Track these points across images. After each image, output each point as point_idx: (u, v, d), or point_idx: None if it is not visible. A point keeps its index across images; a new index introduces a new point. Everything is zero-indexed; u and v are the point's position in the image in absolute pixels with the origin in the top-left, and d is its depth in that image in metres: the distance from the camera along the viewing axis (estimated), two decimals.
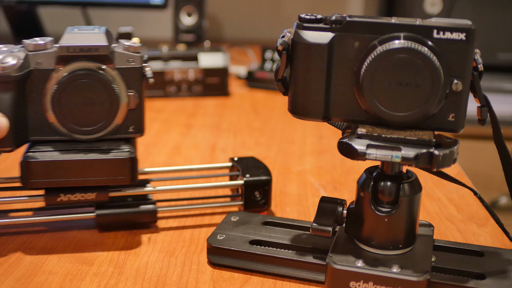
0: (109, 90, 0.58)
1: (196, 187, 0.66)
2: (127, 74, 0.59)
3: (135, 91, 0.59)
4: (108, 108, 0.58)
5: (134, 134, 0.61)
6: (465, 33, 0.47)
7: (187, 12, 1.49)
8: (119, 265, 0.57)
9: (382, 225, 0.52)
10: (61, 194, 0.59)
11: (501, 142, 0.55)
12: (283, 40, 0.51)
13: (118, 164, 0.58)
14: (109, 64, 0.58)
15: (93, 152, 0.58)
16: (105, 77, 0.58)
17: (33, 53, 0.58)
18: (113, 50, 0.58)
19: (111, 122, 0.59)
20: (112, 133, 0.60)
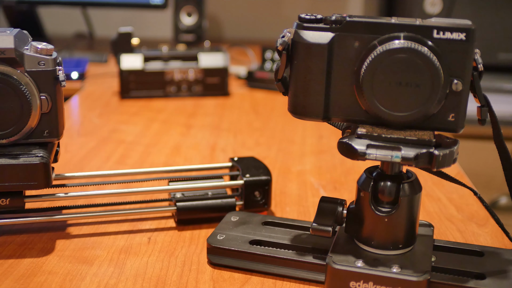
0: (19, 94, 0.56)
1: (196, 187, 0.66)
2: (39, 77, 0.57)
3: (48, 94, 0.58)
4: (19, 112, 0.57)
5: (49, 138, 0.59)
6: (465, 33, 0.47)
7: (187, 12, 1.49)
8: (119, 265, 0.57)
9: (382, 225, 0.52)
10: None
11: (501, 142, 0.55)
12: (283, 40, 0.51)
13: (29, 169, 0.57)
14: (18, 67, 0.57)
15: (3, 157, 0.57)
16: (14, 81, 0.56)
17: None
18: (22, 53, 0.57)
19: (23, 127, 0.57)
20: (25, 138, 0.58)
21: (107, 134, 0.95)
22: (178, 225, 0.64)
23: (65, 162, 0.81)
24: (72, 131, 0.96)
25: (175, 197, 0.65)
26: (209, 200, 0.65)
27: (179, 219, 0.64)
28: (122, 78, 1.13)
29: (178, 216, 0.64)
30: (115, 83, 1.19)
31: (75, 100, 1.15)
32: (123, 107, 1.10)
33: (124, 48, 1.14)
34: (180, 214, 0.64)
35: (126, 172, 0.67)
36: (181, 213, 0.64)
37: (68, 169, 0.79)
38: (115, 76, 1.21)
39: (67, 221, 0.64)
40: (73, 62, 1.32)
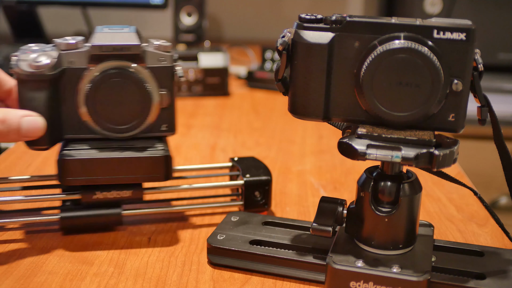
0: (141, 89, 0.58)
1: (196, 187, 0.66)
2: (159, 73, 0.59)
3: (167, 89, 0.60)
4: (141, 107, 0.59)
5: (166, 132, 0.62)
6: (465, 33, 0.47)
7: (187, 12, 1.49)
8: (119, 265, 0.57)
9: (382, 225, 0.52)
10: (97, 192, 0.60)
11: (501, 142, 0.55)
12: (283, 40, 0.51)
13: (153, 162, 0.59)
14: (140, 63, 0.58)
15: (128, 150, 0.59)
16: (137, 76, 0.58)
17: (65, 52, 0.58)
18: (144, 49, 0.59)
19: (144, 121, 0.60)
20: (145, 132, 0.60)
21: None
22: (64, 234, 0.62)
23: None
24: None
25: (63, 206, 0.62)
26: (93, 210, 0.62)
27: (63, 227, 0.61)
28: None
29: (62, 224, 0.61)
30: None
31: None
32: None
33: None
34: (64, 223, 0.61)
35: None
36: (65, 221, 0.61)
37: None
38: None
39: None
40: None
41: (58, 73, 0.57)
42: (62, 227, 0.61)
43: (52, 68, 0.57)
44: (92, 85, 0.58)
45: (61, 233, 0.62)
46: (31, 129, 0.56)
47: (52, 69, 0.57)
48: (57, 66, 0.57)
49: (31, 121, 0.56)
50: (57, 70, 0.57)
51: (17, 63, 0.57)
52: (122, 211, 0.62)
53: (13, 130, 0.55)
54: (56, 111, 0.58)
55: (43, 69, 0.56)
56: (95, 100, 0.58)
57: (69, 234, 0.61)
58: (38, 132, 0.56)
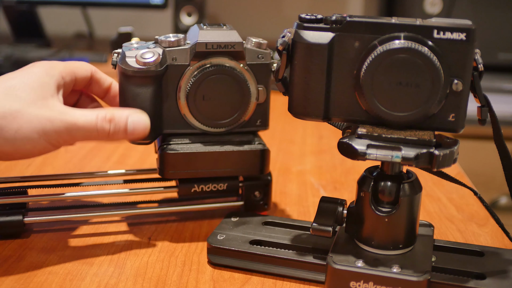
0: (241, 86, 0.60)
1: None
2: (257, 70, 0.61)
3: (264, 86, 0.62)
4: (239, 102, 0.60)
5: (260, 127, 0.63)
6: (465, 33, 0.47)
7: (187, 12, 1.49)
8: (119, 265, 0.57)
9: (382, 225, 0.52)
10: (195, 185, 0.62)
11: (501, 142, 0.55)
12: (283, 40, 0.51)
13: (252, 156, 0.61)
14: (241, 60, 0.60)
15: (228, 144, 0.61)
16: (238, 73, 0.59)
17: (168, 49, 0.59)
18: (245, 47, 0.60)
19: (241, 116, 0.61)
20: (241, 126, 0.62)
21: None
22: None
23: (65, 162, 0.81)
24: None
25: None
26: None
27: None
28: None
29: None
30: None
31: None
32: None
33: None
34: None
35: (126, 172, 0.67)
36: None
37: (68, 169, 0.79)
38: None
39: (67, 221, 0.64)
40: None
41: (163, 69, 0.58)
42: None
43: (159, 65, 0.58)
44: (194, 81, 0.59)
45: (61, 233, 0.62)
46: (138, 128, 0.56)
47: (158, 65, 0.58)
48: (163, 62, 0.58)
49: (138, 120, 0.56)
50: (162, 66, 0.58)
51: (122, 59, 0.58)
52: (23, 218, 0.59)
53: (121, 129, 0.56)
54: (158, 107, 0.59)
55: (150, 65, 0.57)
56: (195, 96, 0.59)
57: None
58: (144, 130, 0.57)
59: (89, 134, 0.55)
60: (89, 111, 0.55)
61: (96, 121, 0.55)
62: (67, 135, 0.54)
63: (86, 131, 0.54)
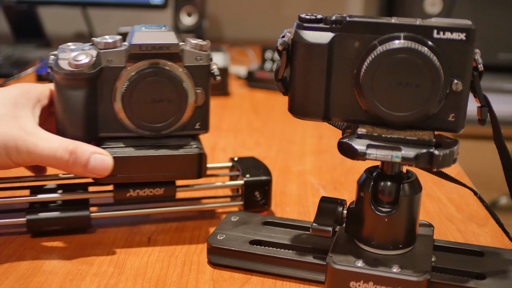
0: (178, 88, 0.59)
1: (196, 187, 0.66)
2: (196, 72, 0.60)
3: (203, 88, 0.61)
4: (176, 105, 0.59)
5: (200, 130, 0.62)
6: (465, 33, 0.47)
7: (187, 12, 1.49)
8: (119, 265, 0.57)
9: (382, 225, 0.52)
10: (130, 190, 0.61)
11: (501, 142, 0.55)
12: (283, 40, 0.51)
13: (188, 160, 0.60)
14: (178, 62, 0.59)
15: (163, 148, 0.60)
16: (175, 75, 0.58)
17: (104, 51, 0.58)
18: (182, 48, 0.59)
19: (179, 119, 0.60)
20: (179, 130, 0.61)
21: None
22: (32, 237, 0.61)
23: None
24: None
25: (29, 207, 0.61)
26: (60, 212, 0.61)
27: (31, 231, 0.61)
28: None
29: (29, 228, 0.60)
30: None
31: None
32: None
33: None
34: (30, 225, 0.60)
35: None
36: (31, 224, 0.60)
37: None
38: None
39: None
40: None
41: (97, 71, 0.58)
42: (29, 230, 0.60)
43: (92, 67, 0.57)
44: (129, 84, 0.58)
45: (60, 233, 0.62)
46: (99, 167, 0.56)
47: (91, 67, 0.57)
48: (96, 65, 0.58)
49: (100, 159, 0.56)
50: (96, 69, 0.58)
51: (55, 62, 0.57)
52: (90, 213, 0.61)
53: (81, 163, 0.56)
54: (92, 110, 0.59)
55: (82, 67, 0.57)
56: (131, 99, 0.58)
57: (36, 237, 0.61)
58: (105, 172, 0.57)
59: (47, 160, 0.55)
60: (55, 138, 0.56)
61: (57, 149, 0.55)
62: (27, 156, 0.55)
63: (44, 157, 0.55)
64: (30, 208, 0.61)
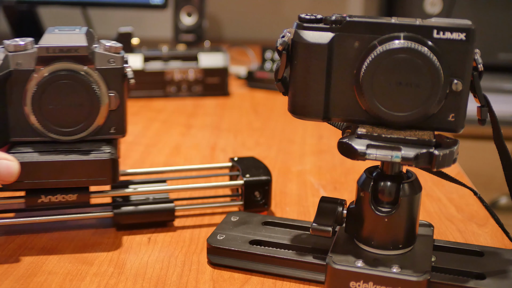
0: (89, 91, 0.57)
1: (196, 187, 0.66)
2: (108, 75, 0.58)
3: (116, 92, 0.59)
4: (88, 109, 0.58)
5: (115, 135, 0.60)
6: (465, 33, 0.47)
7: (187, 12, 1.49)
8: (119, 265, 0.57)
9: (382, 225, 0.52)
10: (42, 196, 0.59)
11: (501, 142, 0.55)
12: (283, 40, 0.51)
13: (99, 165, 0.58)
14: (89, 65, 0.58)
15: (73, 153, 0.58)
16: (85, 78, 0.57)
17: (12, 53, 0.57)
18: (93, 51, 0.58)
19: (91, 123, 0.58)
20: (93, 134, 0.59)
21: None
22: (118, 230, 0.63)
23: None
24: None
25: (115, 202, 0.63)
26: (148, 205, 0.63)
27: (118, 223, 0.63)
28: None
29: (117, 220, 0.62)
30: None
31: None
32: None
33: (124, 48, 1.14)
34: (118, 219, 0.62)
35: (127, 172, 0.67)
36: (119, 217, 0.62)
37: None
38: None
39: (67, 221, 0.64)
40: None
41: (4, 75, 0.56)
42: (115, 223, 0.63)
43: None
44: (38, 87, 0.56)
45: (61, 233, 0.62)
46: (4, 173, 0.55)
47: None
48: (3, 68, 0.56)
49: (6, 165, 0.55)
50: (3, 72, 0.56)
51: None
52: (175, 206, 0.64)
53: None
54: (1, 113, 0.57)
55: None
56: (41, 102, 0.57)
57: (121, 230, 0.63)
58: (11, 177, 0.55)
59: None
60: None
61: None
62: None
63: None
64: (114, 203, 0.63)
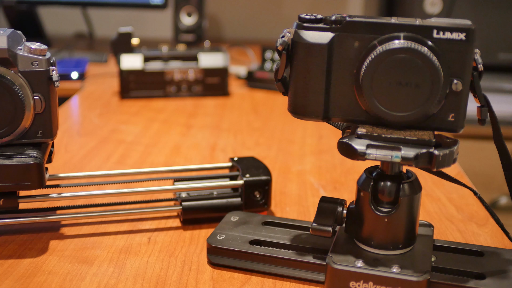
0: (12, 95, 0.56)
1: (196, 187, 0.66)
2: (32, 78, 0.57)
3: (41, 94, 0.58)
4: (12, 112, 0.57)
5: (42, 138, 0.59)
6: (465, 33, 0.47)
7: (187, 12, 1.49)
8: (119, 265, 0.57)
9: (382, 225, 0.52)
10: None
11: (501, 142, 0.55)
12: (283, 40, 0.51)
13: (23, 169, 0.57)
14: (12, 68, 0.57)
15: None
16: (8, 81, 0.56)
17: None
18: (15, 53, 0.57)
19: (16, 127, 0.57)
20: (19, 138, 0.58)
21: (107, 134, 0.95)
22: (184, 224, 0.65)
23: (64, 162, 0.81)
24: (72, 131, 0.96)
25: (180, 197, 0.65)
26: (214, 200, 0.65)
27: (184, 219, 0.64)
28: (122, 78, 1.13)
29: (184, 215, 0.64)
30: (115, 83, 1.19)
31: (75, 100, 1.15)
32: (123, 107, 1.10)
33: (124, 48, 1.14)
34: (186, 213, 0.64)
35: (126, 172, 0.67)
36: (187, 212, 0.64)
37: (68, 169, 0.79)
38: (115, 76, 1.21)
39: (67, 221, 0.64)
40: (73, 62, 1.31)
41: None
42: (182, 218, 0.65)
43: None
44: None
45: (61, 233, 0.62)
46: None
47: None
48: None
49: None
50: None
51: None
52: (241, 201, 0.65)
53: None
54: None
55: None
56: None
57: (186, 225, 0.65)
58: None
59: None
60: None
61: None
62: None
63: None
64: (182, 197, 0.65)
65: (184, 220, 0.65)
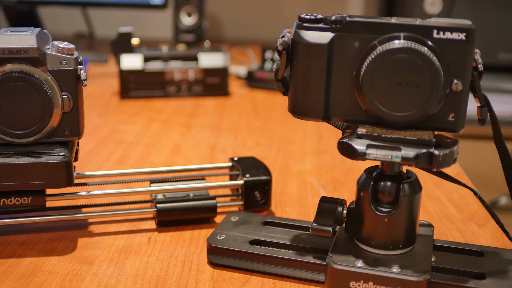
0: (41, 93, 0.57)
1: (196, 187, 0.66)
2: (61, 77, 0.58)
3: (69, 93, 0.59)
4: (41, 111, 0.57)
5: (70, 137, 0.60)
6: (465, 33, 0.47)
7: (187, 12, 1.49)
8: (119, 265, 0.57)
9: (382, 225, 0.52)
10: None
11: (501, 142, 0.55)
12: (283, 40, 0.51)
13: (51, 168, 0.57)
14: (41, 67, 0.57)
15: (25, 156, 0.57)
16: (37, 80, 0.57)
17: None
18: (44, 52, 0.57)
19: (45, 126, 0.58)
20: (47, 137, 0.59)
21: (107, 134, 0.95)
22: (159, 226, 0.64)
23: None
24: None
25: (156, 199, 0.64)
26: (189, 202, 0.64)
27: (159, 220, 0.64)
28: (122, 78, 1.13)
29: (158, 217, 0.63)
30: (115, 83, 1.19)
31: None
32: (123, 107, 1.10)
33: (124, 48, 1.14)
34: (160, 215, 0.63)
35: (126, 172, 0.67)
36: (161, 214, 0.63)
37: None
38: (115, 76, 1.21)
39: (67, 221, 0.64)
40: None
41: None
42: (158, 220, 0.64)
43: None
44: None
45: (61, 233, 0.62)
46: None
47: None
48: None
49: None
50: None
51: None
52: (216, 203, 0.65)
53: None
54: None
55: None
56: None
57: (161, 227, 0.64)
58: None
59: None
60: None
61: None
62: None
63: None
64: (157, 199, 0.64)
65: (159, 222, 0.64)
